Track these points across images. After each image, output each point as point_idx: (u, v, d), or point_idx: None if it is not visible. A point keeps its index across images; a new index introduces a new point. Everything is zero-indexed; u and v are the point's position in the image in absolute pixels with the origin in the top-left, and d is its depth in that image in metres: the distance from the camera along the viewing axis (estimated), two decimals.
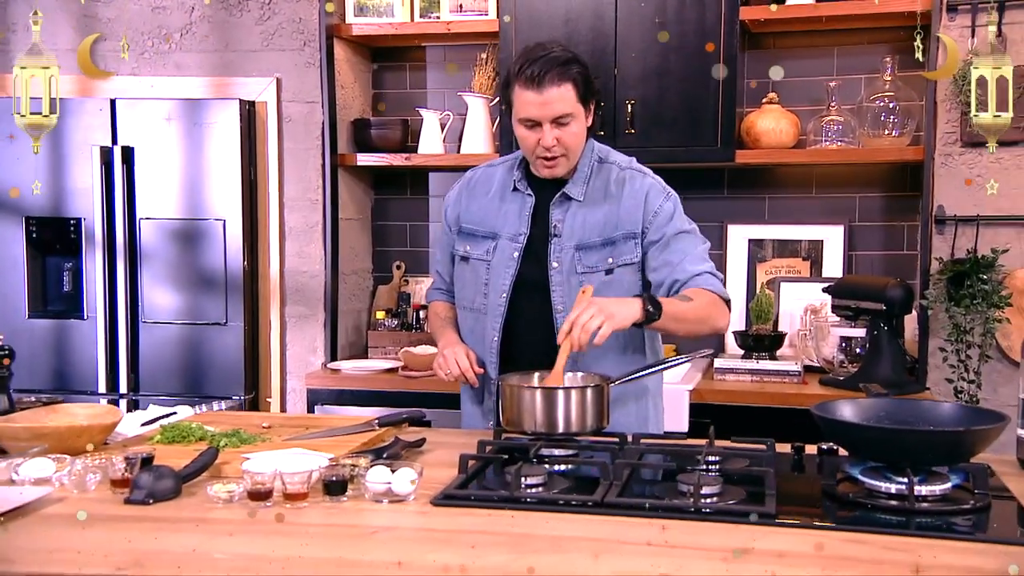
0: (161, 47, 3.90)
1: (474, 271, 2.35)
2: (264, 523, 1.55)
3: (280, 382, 3.93)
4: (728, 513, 1.55)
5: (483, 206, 2.37)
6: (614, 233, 2.28)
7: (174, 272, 3.80)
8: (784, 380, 3.29)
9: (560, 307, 2.26)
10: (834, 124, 3.48)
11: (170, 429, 1.99)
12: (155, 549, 1.42)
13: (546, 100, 2.17)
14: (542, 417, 1.89)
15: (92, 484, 1.68)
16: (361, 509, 1.62)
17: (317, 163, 3.85)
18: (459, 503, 1.63)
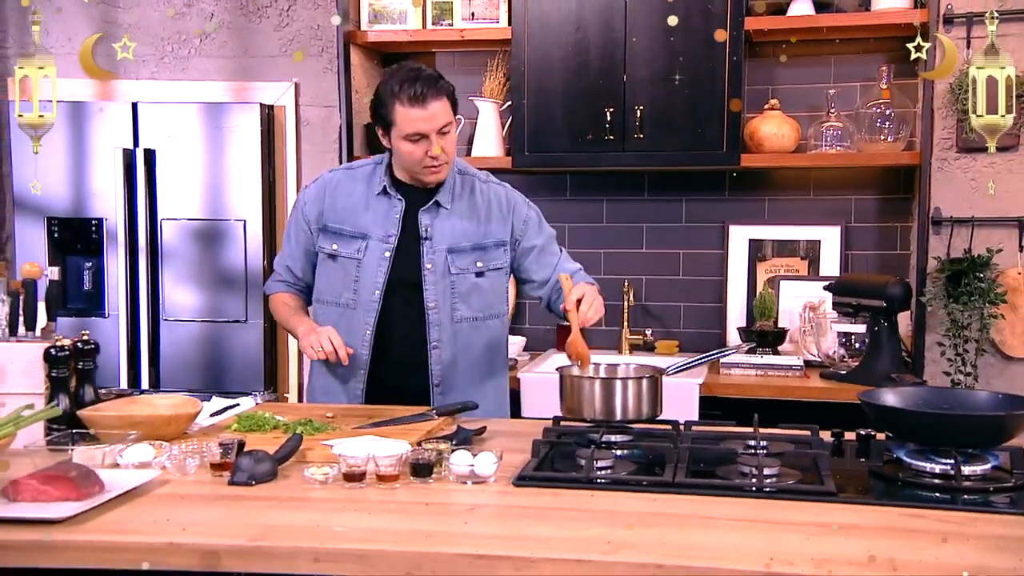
0: (180, 52, 3.95)
1: (343, 268, 2.50)
2: (363, 501, 1.64)
3: (297, 378, 4.00)
4: (791, 492, 1.67)
5: (347, 206, 2.52)
6: (484, 240, 2.52)
7: (195, 271, 3.85)
8: (787, 374, 3.41)
9: (432, 304, 2.48)
10: (833, 130, 3.63)
11: (246, 419, 2.07)
12: (277, 523, 1.51)
13: (431, 114, 2.36)
14: (601, 405, 2.00)
15: (191, 468, 1.77)
16: (448, 489, 1.72)
17: (334, 165, 3.91)
18: (539, 483, 1.73)
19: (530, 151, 3.70)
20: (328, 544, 1.41)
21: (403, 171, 2.50)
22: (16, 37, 3.98)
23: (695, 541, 1.44)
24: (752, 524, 1.53)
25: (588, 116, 3.60)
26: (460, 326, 2.50)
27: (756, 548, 1.41)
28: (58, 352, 1.95)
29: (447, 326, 2.48)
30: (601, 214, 3.98)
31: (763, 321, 3.74)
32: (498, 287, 2.57)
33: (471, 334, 2.51)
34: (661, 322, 3.96)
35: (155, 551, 1.41)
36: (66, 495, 1.51)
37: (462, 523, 1.55)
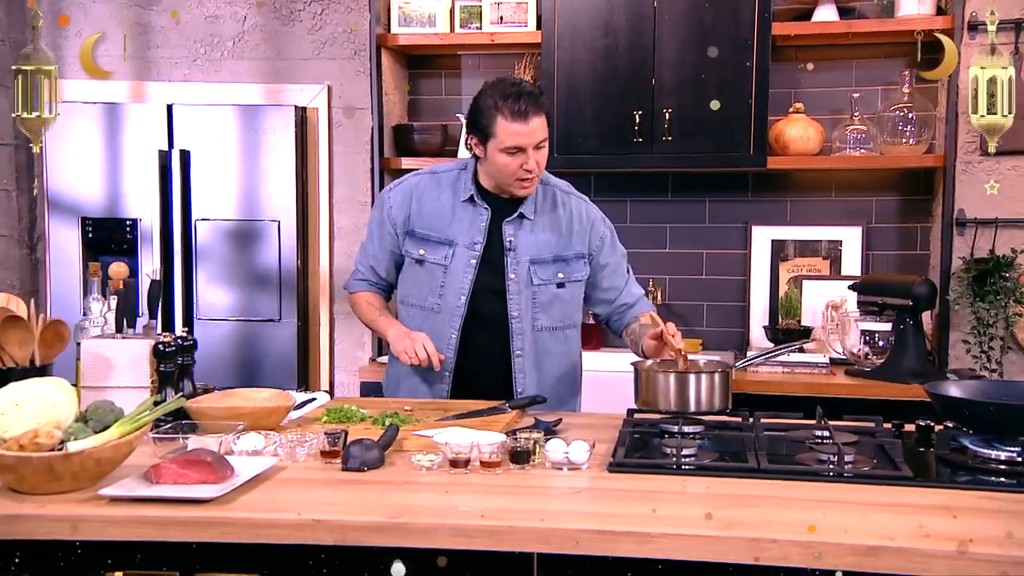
0: (213, 54, 4.06)
1: (429, 273, 2.63)
2: (471, 485, 1.79)
3: (328, 377, 4.12)
4: (871, 476, 1.83)
5: (434, 212, 2.64)
6: (565, 252, 2.65)
7: (229, 271, 3.97)
8: (813, 371, 3.56)
9: (516, 313, 2.61)
10: (856, 133, 3.80)
11: (334, 411, 2.21)
12: (404, 503, 1.66)
13: (531, 129, 2.47)
14: (676, 398, 2.15)
15: (301, 456, 1.90)
16: (546, 475, 1.87)
17: (365, 167, 4.05)
18: (631, 469, 1.88)
19: (559, 153, 3.84)
20: (461, 521, 1.55)
21: (490, 179, 2.60)
22: (50, 39, 4.07)
23: (796, 519, 1.60)
24: (843, 505, 1.68)
25: (617, 119, 3.75)
26: (540, 335, 2.63)
27: (860, 525, 1.56)
28: (166, 348, 2.07)
29: (528, 335, 2.61)
30: (625, 214, 4.13)
31: (788, 320, 3.90)
32: (576, 298, 2.68)
33: (550, 343, 2.64)
34: (684, 321, 4.11)
35: (302, 527, 1.55)
36: (204, 478, 1.64)
37: (573, 504, 1.70)
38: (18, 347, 1.94)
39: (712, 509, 1.65)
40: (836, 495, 1.74)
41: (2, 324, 1.93)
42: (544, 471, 1.88)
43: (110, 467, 1.67)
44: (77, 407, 1.73)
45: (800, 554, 1.48)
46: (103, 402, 1.73)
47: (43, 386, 1.70)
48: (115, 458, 1.66)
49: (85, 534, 1.55)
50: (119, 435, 1.66)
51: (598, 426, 2.24)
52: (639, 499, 1.71)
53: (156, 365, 2.08)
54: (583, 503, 1.71)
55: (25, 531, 1.56)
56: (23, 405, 1.63)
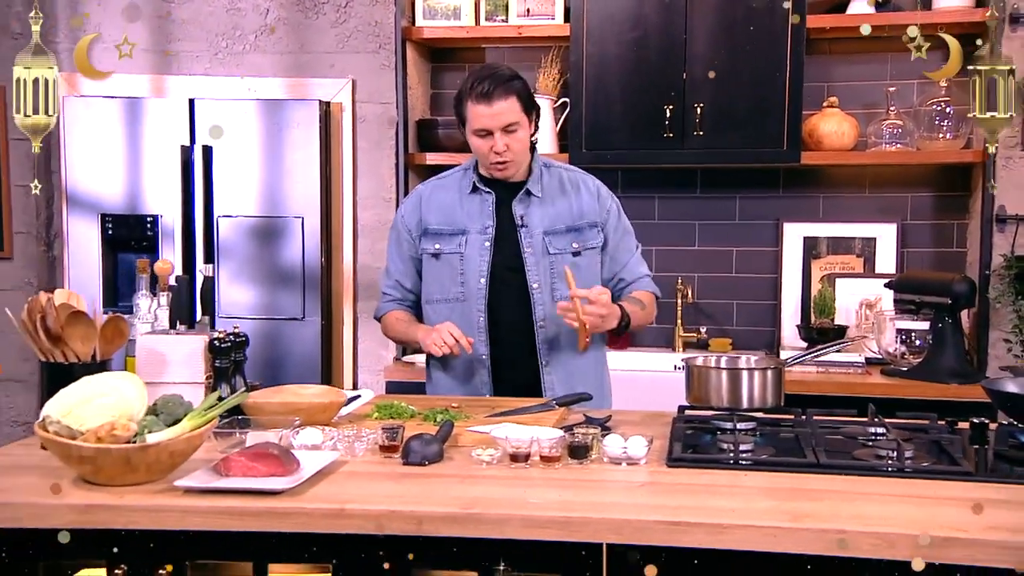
0: (235, 48, 4.14)
1: (448, 264, 2.77)
2: (533, 479, 1.87)
3: (353, 375, 4.19)
4: (933, 472, 1.91)
5: (444, 207, 2.80)
6: (578, 222, 2.78)
7: (251, 268, 4.04)
8: (848, 371, 3.64)
9: (536, 284, 2.74)
10: (892, 127, 3.87)
11: (384, 408, 2.29)
12: (474, 496, 1.74)
13: (496, 112, 2.61)
14: (728, 394, 2.22)
15: (360, 451, 1.98)
16: (606, 469, 1.95)
17: (390, 162, 4.13)
18: (691, 464, 1.96)
19: (587, 148, 3.92)
20: (533, 512, 1.63)
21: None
22: (68, 32, 4.15)
23: (865, 512, 1.67)
24: (907, 499, 1.76)
25: (647, 113, 3.82)
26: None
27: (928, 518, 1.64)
28: (221, 344, 2.15)
29: (549, 305, 2.72)
30: (653, 211, 4.20)
31: (822, 319, 3.96)
32: (593, 266, 2.80)
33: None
34: (714, 320, 4.19)
35: (379, 517, 1.63)
36: (273, 471, 1.72)
37: (638, 496, 1.77)
38: (81, 342, 2.02)
39: (780, 502, 1.72)
40: (898, 490, 1.81)
41: (68, 320, 2.01)
42: (602, 466, 1.96)
43: (182, 459, 1.75)
44: (147, 400, 1.80)
45: (873, 545, 1.55)
46: (172, 396, 1.81)
47: (116, 380, 1.78)
48: (187, 451, 1.74)
49: (164, 524, 1.63)
50: (191, 428, 1.73)
51: (647, 423, 2.32)
52: (703, 492, 1.79)
53: (211, 361, 2.16)
54: (648, 496, 1.79)
55: (104, 520, 1.63)
56: (98, 398, 1.70)
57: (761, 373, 2.23)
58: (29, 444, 2.06)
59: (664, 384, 3.52)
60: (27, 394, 4.22)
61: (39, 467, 1.84)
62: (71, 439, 1.67)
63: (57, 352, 2.02)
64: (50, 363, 2.02)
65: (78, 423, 1.69)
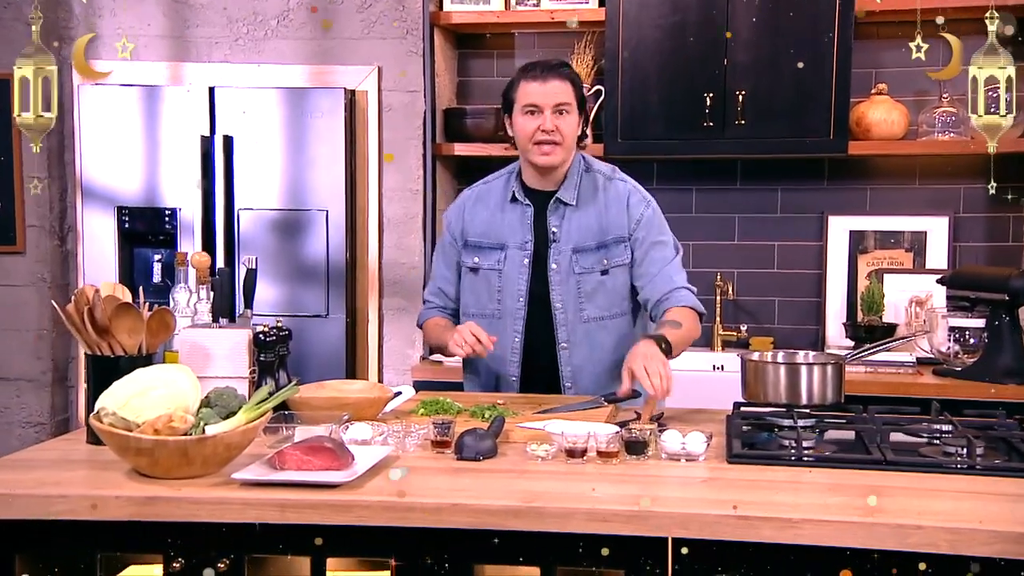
0: (255, 34, 4.20)
1: (485, 280, 2.84)
2: (591, 474, 1.94)
3: (378, 374, 4.25)
4: (1005, 469, 1.97)
5: (485, 219, 2.87)
6: (605, 238, 2.81)
7: (274, 263, 4.10)
8: (899, 371, 3.69)
9: (559, 305, 2.78)
10: (945, 115, 3.91)
11: (430, 404, 2.37)
12: (534, 490, 1.81)
13: (548, 89, 2.72)
14: (787, 390, 2.28)
15: (411, 446, 2.05)
16: (664, 465, 2.02)
17: (417, 153, 4.19)
18: (752, 461, 2.02)
19: (623, 138, 3.97)
20: (598, 506, 1.69)
21: (525, 162, 2.82)
22: (83, 18, 4.22)
23: (936, 508, 1.74)
24: (979, 496, 1.82)
25: (686, 102, 3.87)
26: (588, 326, 2.79)
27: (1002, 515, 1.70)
28: (267, 338, 2.22)
29: (575, 326, 2.78)
30: (691, 204, 4.25)
31: (871, 316, 4.00)
32: (623, 285, 2.82)
33: (599, 333, 2.80)
34: (754, 318, 4.23)
35: (441, 511, 1.70)
36: (328, 464, 1.79)
37: (701, 491, 1.84)
38: (128, 335, 2.09)
39: (849, 497, 1.79)
40: (969, 487, 1.87)
41: (115, 312, 2.08)
42: (660, 462, 2.03)
43: (237, 452, 1.82)
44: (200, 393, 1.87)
45: (948, 541, 1.61)
46: (226, 388, 1.87)
47: (169, 372, 1.85)
48: (242, 443, 1.81)
49: (224, 517, 1.70)
50: (246, 420, 1.80)
51: (699, 420, 2.38)
52: (767, 488, 1.85)
53: (256, 355, 2.23)
54: (711, 491, 1.86)
55: (163, 513, 1.71)
56: (153, 390, 1.77)
57: (820, 368, 2.29)
58: (71, 439, 2.14)
59: (703, 384, 3.57)
60: (38, 393, 4.29)
61: (88, 461, 1.92)
62: (127, 431, 1.74)
63: (104, 345, 2.09)
64: (97, 356, 2.09)
65: (134, 415, 1.76)
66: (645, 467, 1.99)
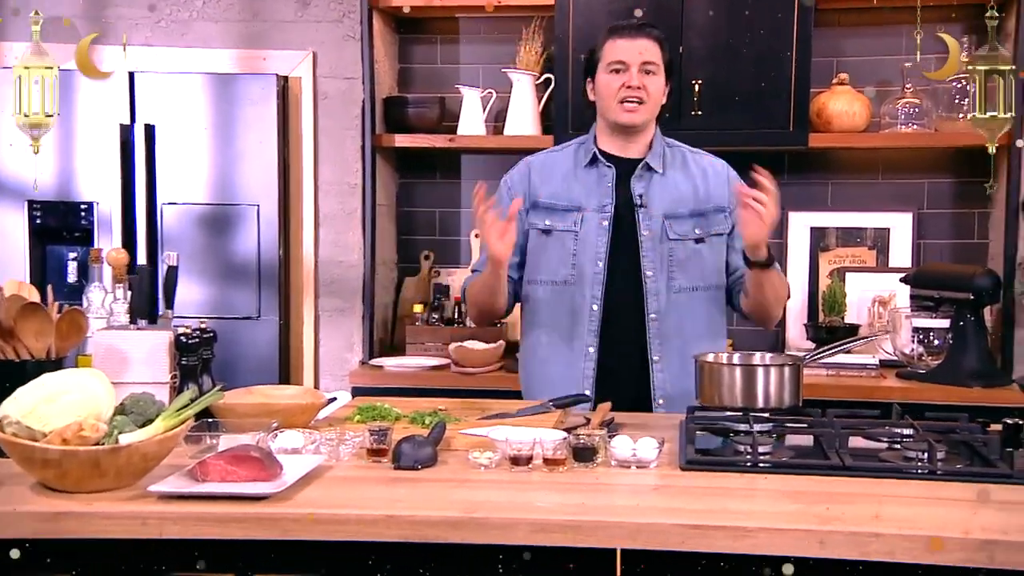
0: (179, 15, 4.16)
1: (560, 243, 2.82)
2: (536, 483, 1.94)
3: (314, 380, 4.23)
4: (967, 474, 1.99)
5: (557, 181, 2.86)
6: (704, 206, 2.84)
7: (200, 262, 4.06)
8: (861, 374, 3.72)
9: (650, 272, 2.79)
10: (909, 107, 3.96)
11: (367, 410, 2.35)
12: (474, 500, 1.80)
13: (638, 46, 2.77)
14: (743, 393, 2.30)
15: (345, 454, 2.03)
16: (614, 472, 2.02)
17: (355, 144, 4.17)
18: (706, 467, 2.02)
19: (575, 130, 3.94)
20: (542, 516, 1.69)
21: (605, 124, 2.83)
22: None
23: (899, 515, 1.75)
24: (941, 502, 1.83)
25: None
26: (678, 296, 2.79)
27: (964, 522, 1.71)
28: (189, 340, 2.19)
29: (664, 296, 2.78)
30: None
31: (832, 317, 4.05)
32: (719, 256, 2.85)
33: (689, 305, 2.79)
34: None
35: (375, 523, 1.69)
36: (254, 475, 1.76)
37: (652, 500, 1.84)
38: (35, 338, 2.04)
39: (806, 505, 1.80)
40: (930, 492, 1.89)
41: (20, 313, 2.03)
42: (610, 469, 2.03)
43: (154, 463, 1.78)
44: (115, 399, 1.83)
45: (907, 549, 1.62)
46: (143, 395, 1.84)
47: (81, 376, 1.81)
48: (160, 453, 1.78)
49: (140, 533, 1.66)
50: (164, 429, 1.77)
51: (656, 425, 2.39)
52: (721, 496, 1.86)
53: (177, 359, 2.20)
54: (662, 499, 1.86)
55: (72, 530, 1.66)
56: (63, 396, 1.74)
57: (778, 370, 2.31)
58: None
59: None
60: None
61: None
62: (33, 441, 1.70)
63: (8, 349, 2.04)
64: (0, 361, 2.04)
65: (40, 423, 1.72)
66: (594, 475, 1.99)
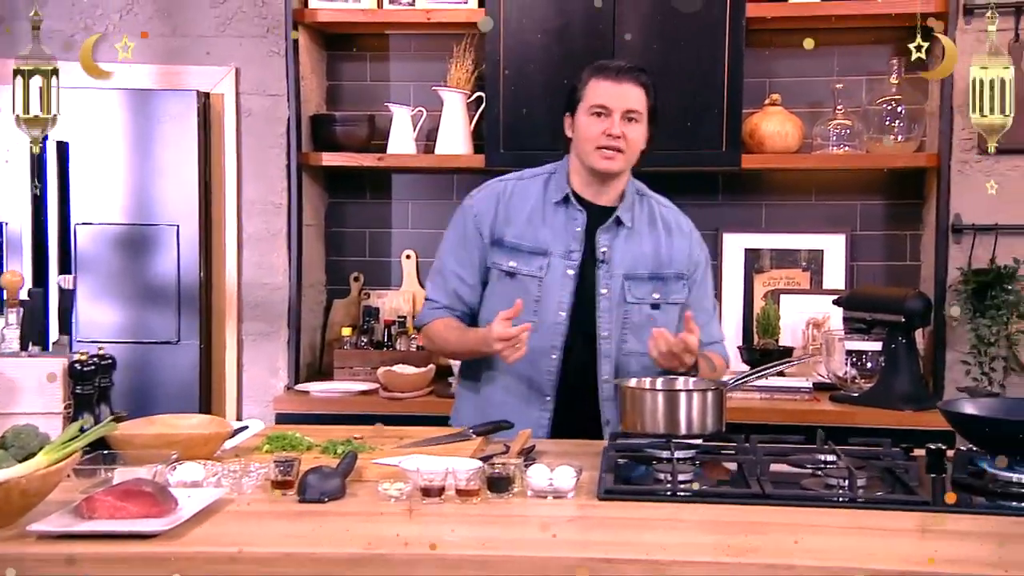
0: (96, 28, 4.07)
1: (522, 287, 2.72)
2: (448, 515, 1.88)
3: (236, 407, 4.14)
4: (887, 502, 1.97)
5: (523, 218, 2.77)
6: (664, 270, 2.78)
7: (116, 285, 3.98)
8: (795, 397, 3.72)
9: (605, 332, 2.71)
10: (840, 128, 3.99)
11: (276, 439, 2.29)
12: (380, 535, 1.75)
13: (622, 92, 2.69)
14: (665, 419, 2.27)
15: (248, 487, 1.96)
16: (530, 503, 1.98)
17: (280, 163, 4.10)
18: (625, 497, 1.99)
19: (506, 148, 3.93)
20: (449, 552, 1.63)
21: (579, 166, 2.74)
22: None
23: (815, 546, 1.72)
24: (860, 531, 1.82)
25: None
26: (628, 359, 2.72)
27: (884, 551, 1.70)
28: (84, 367, 2.11)
29: (615, 359, 2.71)
30: None
31: (766, 339, 4.05)
32: (671, 325, 2.74)
33: (638, 371, 2.67)
34: None
35: (271, 562, 1.62)
36: (146, 511, 1.69)
37: (565, 532, 1.80)
38: None
39: (723, 536, 1.77)
40: (850, 521, 1.87)
41: None
42: (526, 500, 1.98)
43: (36, 500, 1.70)
44: None
45: None
46: (25, 427, 1.76)
47: None
48: (43, 490, 1.70)
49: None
50: (47, 463, 1.69)
51: (577, 453, 2.35)
52: (637, 527, 1.82)
53: (72, 388, 2.12)
54: (576, 531, 1.82)
55: None
56: None
57: (700, 395, 2.28)
58: None
59: None
60: None
61: None
62: None
63: None
64: None
65: None
66: (508, 506, 1.94)
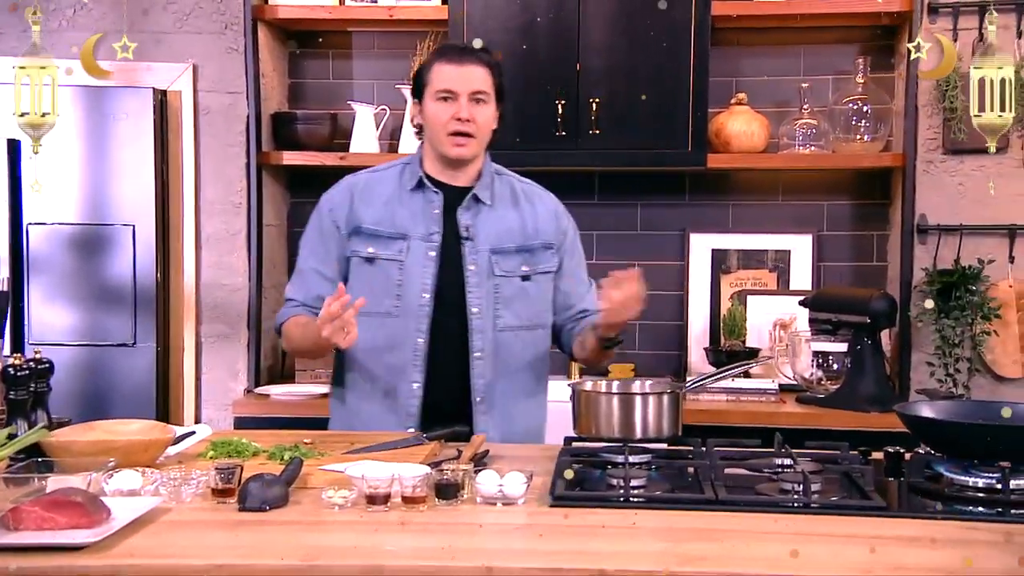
0: (48, 24, 4.01)
1: (383, 273, 2.70)
2: (393, 524, 1.83)
3: (195, 411, 4.10)
4: (841, 507, 1.95)
5: (380, 206, 2.75)
6: (531, 241, 2.77)
7: (70, 286, 3.93)
8: (760, 399, 3.71)
9: (476, 309, 2.69)
10: (806, 128, 3.98)
11: (221, 445, 2.23)
12: (321, 545, 1.70)
13: (466, 74, 2.67)
14: (620, 423, 2.24)
15: (188, 496, 1.92)
16: (479, 511, 1.93)
17: (240, 162, 4.06)
18: (576, 503, 1.95)
19: None
20: (388, 562, 1.60)
21: (433, 152, 2.71)
22: None
23: (764, 553, 1.70)
24: (813, 537, 1.79)
25: (537, 110, 3.83)
26: (503, 335, 2.70)
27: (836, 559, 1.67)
28: (17, 372, 2.06)
29: (489, 334, 2.69)
30: None
31: (732, 341, 4.04)
32: (544, 294, 2.78)
33: (514, 344, 2.71)
34: None
35: (203, 572, 1.58)
36: (76, 522, 1.65)
37: (513, 541, 1.76)
38: None
39: (674, 543, 1.73)
40: (804, 527, 1.84)
41: None
42: (475, 507, 1.94)
43: None
44: None
45: None
46: None
47: None
48: None
49: None
50: None
51: (531, 457, 2.31)
52: (587, 535, 1.78)
53: (5, 393, 2.07)
54: (525, 540, 1.78)
55: None
56: None
57: (656, 399, 2.25)
58: None
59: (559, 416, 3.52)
60: None
61: None
62: None
63: None
64: None
65: None
66: (456, 513, 1.89)
